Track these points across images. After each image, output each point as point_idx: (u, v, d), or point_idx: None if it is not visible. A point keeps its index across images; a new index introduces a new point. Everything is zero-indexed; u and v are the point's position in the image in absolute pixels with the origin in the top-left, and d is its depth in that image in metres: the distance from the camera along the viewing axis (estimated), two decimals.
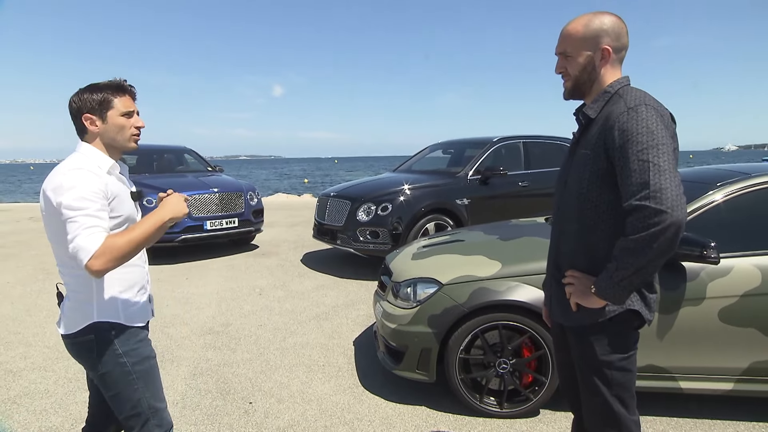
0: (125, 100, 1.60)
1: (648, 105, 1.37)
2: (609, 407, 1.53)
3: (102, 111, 1.57)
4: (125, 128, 1.60)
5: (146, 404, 1.63)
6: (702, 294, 2.41)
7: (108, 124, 1.58)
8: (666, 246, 1.28)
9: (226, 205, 7.00)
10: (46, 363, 3.51)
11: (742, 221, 2.60)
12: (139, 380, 1.62)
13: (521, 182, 6.31)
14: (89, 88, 1.58)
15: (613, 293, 1.40)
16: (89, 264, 1.35)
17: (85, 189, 1.44)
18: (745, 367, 2.44)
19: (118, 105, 1.58)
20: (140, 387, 1.62)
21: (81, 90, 1.58)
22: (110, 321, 1.58)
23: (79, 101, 1.56)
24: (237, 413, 2.82)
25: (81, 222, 1.39)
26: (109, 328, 1.58)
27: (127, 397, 1.61)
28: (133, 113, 1.62)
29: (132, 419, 1.63)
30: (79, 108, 1.56)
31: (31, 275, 6.06)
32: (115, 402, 1.63)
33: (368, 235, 5.65)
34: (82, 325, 1.56)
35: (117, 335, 1.59)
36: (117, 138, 1.60)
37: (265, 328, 4.17)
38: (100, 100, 1.56)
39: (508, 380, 2.69)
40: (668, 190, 1.27)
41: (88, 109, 1.56)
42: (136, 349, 1.62)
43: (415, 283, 2.91)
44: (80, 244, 1.37)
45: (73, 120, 1.59)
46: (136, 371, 1.61)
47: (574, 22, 1.51)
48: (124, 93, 1.60)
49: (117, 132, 1.60)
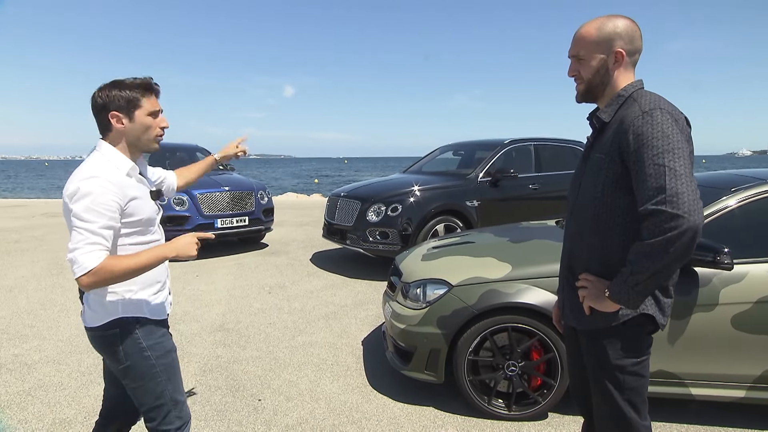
0: (152, 100, 1.59)
1: (663, 109, 1.36)
2: (621, 412, 1.53)
3: (129, 110, 1.54)
4: (151, 128, 1.59)
5: (168, 396, 1.66)
6: (715, 300, 2.38)
7: (135, 123, 1.56)
8: (682, 251, 1.28)
9: (237, 203, 7.06)
10: (59, 356, 3.57)
11: (756, 227, 2.57)
12: (162, 373, 1.64)
13: (532, 185, 6.29)
14: (116, 84, 1.54)
15: (628, 297, 1.39)
16: (81, 279, 1.40)
17: (96, 200, 1.44)
18: (758, 375, 2.41)
19: (145, 104, 1.56)
20: (163, 379, 1.65)
21: (107, 86, 1.54)
22: (135, 316, 1.61)
23: (105, 98, 1.53)
24: (246, 410, 2.84)
25: (84, 236, 1.41)
26: (134, 322, 1.60)
27: (151, 390, 1.64)
28: (159, 113, 1.61)
29: (154, 410, 1.65)
30: (105, 105, 1.53)
31: (46, 270, 6.15)
32: (138, 394, 1.65)
33: (378, 236, 5.67)
34: (107, 319, 1.58)
35: (141, 329, 1.61)
36: (142, 138, 1.59)
37: (274, 327, 4.20)
38: (129, 99, 1.53)
39: (516, 383, 2.68)
40: (685, 194, 1.26)
41: (115, 106, 1.53)
42: (159, 343, 1.65)
43: (424, 284, 2.92)
44: (78, 258, 1.40)
45: (97, 116, 1.57)
46: (160, 364, 1.64)
47: (587, 25, 1.51)
48: (151, 92, 1.59)
49: (143, 132, 1.58)
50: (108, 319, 1.58)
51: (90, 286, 1.42)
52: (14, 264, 6.49)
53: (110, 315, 1.59)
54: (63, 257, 6.83)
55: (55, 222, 10.39)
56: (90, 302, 1.62)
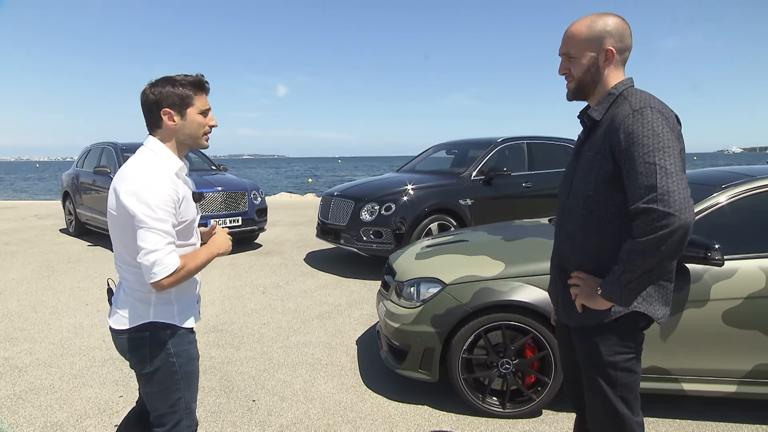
0: (203, 98, 1.59)
1: (653, 107, 1.37)
2: (613, 408, 1.54)
3: (182, 107, 1.54)
4: (202, 126, 1.59)
5: (183, 404, 1.64)
6: (706, 296, 2.40)
7: (186, 120, 1.56)
8: (674, 248, 1.29)
9: (230, 203, 7.03)
10: (51, 359, 3.53)
11: (746, 223, 2.60)
12: (182, 380, 1.63)
13: (525, 183, 6.31)
14: (169, 81, 1.54)
15: (620, 295, 1.40)
16: (164, 282, 1.43)
17: (161, 197, 1.44)
18: (749, 370, 2.44)
19: (197, 102, 1.56)
20: (182, 387, 1.63)
21: (159, 82, 1.54)
22: (165, 322, 1.59)
23: (159, 94, 1.52)
24: (240, 411, 2.83)
25: (157, 236, 1.42)
26: (164, 328, 1.58)
27: (168, 396, 1.62)
28: (209, 111, 1.61)
29: (166, 417, 1.63)
30: (158, 101, 1.52)
31: (36, 272, 6.09)
32: (153, 398, 1.63)
33: (371, 235, 5.66)
34: (137, 322, 1.56)
35: (171, 335, 1.59)
36: (192, 135, 1.59)
37: (268, 327, 4.19)
38: (182, 96, 1.53)
39: (510, 380, 2.69)
40: (676, 192, 1.27)
41: (168, 103, 1.52)
42: (186, 350, 1.64)
43: (418, 283, 2.92)
44: (163, 259, 1.42)
45: (148, 113, 1.56)
46: (183, 372, 1.62)
47: (577, 24, 1.51)
48: (203, 90, 1.58)
49: (194, 129, 1.58)
50: (139, 323, 1.56)
51: (168, 286, 1.46)
52: (4, 266, 6.42)
53: (141, 318, 1.57)
54: (54, 259, 6.78)
55: (46, 224, 10.30)
56: (120, 303, 1.60)
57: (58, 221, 10.39)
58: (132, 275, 1.56)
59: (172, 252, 1.44)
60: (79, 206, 8.39)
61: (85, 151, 8.86)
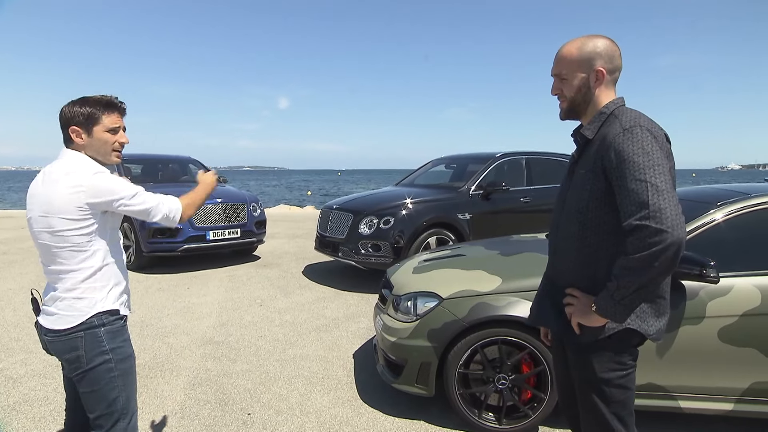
0: (113, 117, 1.69)
1: (642, 126, 1.40)
2: (607, 425, 1.54)
3: (88, 125, 1.65)
4: (108, 143, 1.69)
5: (121, 404, 1.68)
6: (701, 313, 2.41)
7: (93, 138, 1.66)
8: (667, 265, 1.31)
9: (229, 215, 7.04)
10: (46, 370, 3.52)
11: (741, 241, 2.61)
12: (119, 378, 1.67)
13: (523, 198, 6.34)
14: (80, 101, 1.66)
15: (614, 311, 1.41)
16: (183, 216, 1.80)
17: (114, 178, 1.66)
18: (746, 388, 2.43)
19: (105, 121, 1.66)
20: (119, 385, 1.67)
21: (72, 102, 1.67)
22: (105, 311, 1.66)
23: (69, 113, 1.65)
24: (235, 424, 2.81)
25: (144, 195, 1.70)
26: (100, 325, 1.64)
27: (104, 395, 1.65)
28: (119, 129, 1.71)
29: (103, 418, 1.66)
30: (68, 120, 1.65)
31: (34, 282, 6.08)
32: (90, 399, 1.66)
33: (370, 248, 5.67)
34: (77, 321, 1.62)
35: (105, 333, 1.65)
36: (99, 151, 1.69)
37: (265, 339, 4.18)
38: (88, 115, 1.64)
39: (506, 396, 2.68)
40: (667, 209, 1.29)
41: (75, 122, 1.64)
42: (121, 347, 1.70)
43: (415, 297, 2.92)
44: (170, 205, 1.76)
45: (62, 129, 1.68)
46: (119, 369, 1.67)
47: (568, 45, 1.55)
48: (113, 110, 1.69)
49: (100, 146, 1.68)
50: (77, 322, 1.62)
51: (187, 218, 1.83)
52: (1, 276, 6.41)
53: (81, 317, 1.62)
54: None
55: None
56: (55, 307, 1.65)
57: None
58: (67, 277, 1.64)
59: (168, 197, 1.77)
60: None
61: None
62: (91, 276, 1.64)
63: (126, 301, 1.78)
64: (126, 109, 1.74)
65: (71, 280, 1.64)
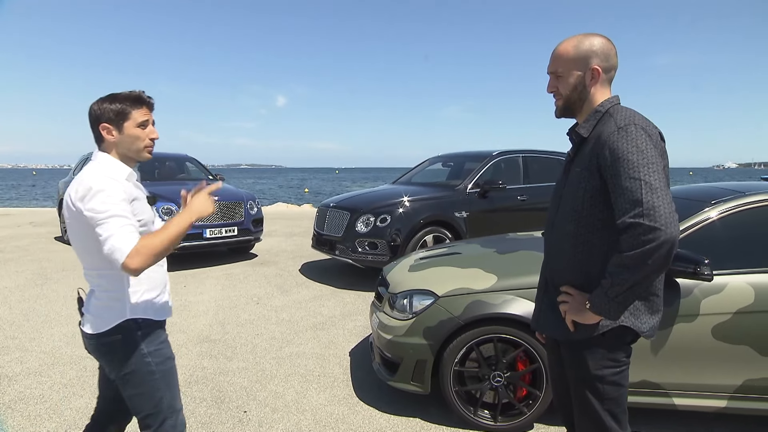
0: (142, 111, 1.64)
1: (637, 125, 1.41)
2: (601, 422, 1.55)
3: (119, 121, 1.61)
4: (139, 139, 1.64)
5: (166, 404, 1.67)
6: (695, 311, 2.42)
7: (123, 134, 1.62)
8: (660, 262, 1.31)
9: (226, 213, 7.03)
10: (41, 368, 3.51)
11: (735, 239, 2.62)
12: (161, 380, 1.65)
13: (520, 196, 6.35)
14: (109, 98, 1.62)
15: (609, 309, 1.42)
16: (126, 263, 1.42)
17: (110, 193, 1.49)
18: (739, 385, 2.45)
19: (134, 116, 1.62)
20: (162, 386, 1.66)
21: (101, 99, 1.63)
22: (141, 318, 1.63)
23: (98, 110, 1.61)
24: (231, 422, 2.82)
25: (111, 223, 1.46)
26: (136, 328, 1.62)
27: (149, 396, 1.64)
28: (148, 123, 1.66)
29: (150, 418, 1.66)
30: (98, 117, 1.61)
31: (30, 280, 6.07)
32: (135, 401, 1.65)
33: (367, 246, 5.67)
34: (112, 323, 1.60)
35: (143, 336, 1.63)
36: (131, 148, 1.65)
37: (261, 337, 4.18)
38: (118, 111, 1.60)
39: (502, 393, 2.69)
40: (661, 207, 1.30)
41: (105, 119, 1.60)
42: (160, 350, 1.67)
43: (411, 295, 2.93)
44: (115, 244, 1.43)
45: (92, 128, 1.64)
46: (160, 371, 1.65)
47: (564, 43, 1.56)
48: (141, 104, 1.64)
49: (131, 142, 1.64)
50: (114, 323, 1.60)
51: (138, 269, 1.44)
52: None
53: (117, 318, 1.60)
54: (48, 267, 6.76)
55: (41, 231, 10.26)
56: (92, 308, 1.63)
57: (53, 229, 10.36)
58: (103, 279, 1.60)
59: (128, 234, 1.45)
60: None
61: (83, 159, 8.87)
62: (127, 278, 1.61)
63: (164, 303, 1.73)
64: (154, 103, 1.69)
65: (107, 282, 1.60)
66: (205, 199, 1.65)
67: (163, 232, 1.50)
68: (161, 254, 1.48)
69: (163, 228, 1.52)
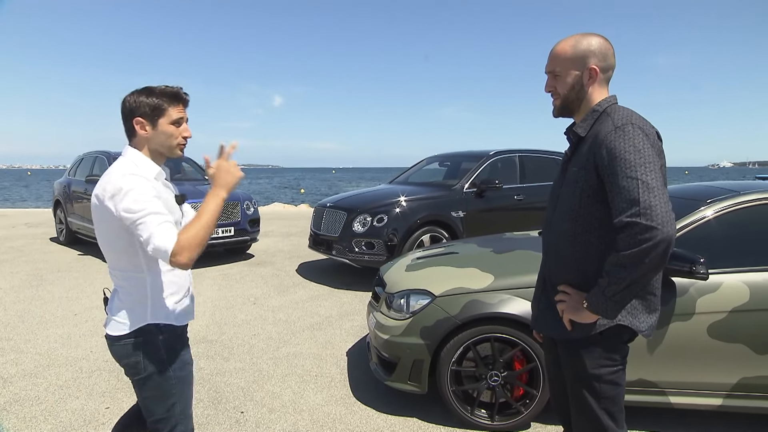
0: (178, 108, 1.60)
1: (634, 124, 1.41)
2: (598, 420, 1.55)
3: (153, 117, 1.56)
4: (173, 136, 1.60)
5: (179, 409, 1.65)
6: (691, 309, 2.43)
7: (157, 130, 1.58)
8: (657, 261, 1.32)
9: (223, 213, 7.01)
10: (37, 370, 3.49)
11: (731, 238, 2.64)
12: (177, 386, 1.64)
13: (516, 196, 6.36)
14: (145, 91, 1.57)
15: (606, 308, 1.42)
16: (174, 261, 1.40)
17: (140, 191, 1.46)
18: (735, 383, 2.46)
19: (170, 112, 1.58)
20: (177, 392, 1.64)
21: (137, 92, 1.57)
22: (162, 323, 1.60)
23: (133, 103, 1.55)
24: (228, 422, 2.81)
25: (149, 222, 1.42)
26: (158, 332, 1.60)
27: (163, 401, 1.63)
28: (183, 121, 1.62)
29: (161, 422, 1.64)
30: (132, 110, 1.56)
31: (25, 281, 6.03)
32: (148, 404, 1.64)
33: (363, 246, 5.67)
34: (134, 327, 1.57)
35: (164, 341, 1.61)
36: (164, 144, 1.60)
37: (258, 338, 4.17)
38: (154, 106, 1.55)
39: (499, 393, 2.69)
40: (657, 207, 1.30)
41: (140, 113, 1.55)
42: (179, 356, 1.65)
43: (408, 295, 2.93)
44: (158, 245, 1.39)
45: (124, 121, 1.59)
46: (177, 377, 1.63)
47: (562, 43, 1.56)
48: (178, 101, 1.60)
49: (165, 139, 1.59)
50: (136, 327, 1.57)
51: (189, 262, 1.41)
52: None
53: (139, 321, 1.58)
54: (43, 268, 6.72)
55: (36, 232, 10.21)
56: (115, 310, 1.60)
57: (48, 230, 10.31)
58: (126, 281, 1.58)
59: (167, 230, 1.41)
60: (70, 215, 8.34)
61: (78, 159, 8.84)
62: (150, 282, 1.58)
63: (186, 307, 1.70)
64: (189, 100, 1.63)
65: (129, 284, 1.57)
66: (227, 168, 1.57)
67: (199, 221, 1.46)
68: (204, 241, 1.45)
69: (198, 216, 1.47)
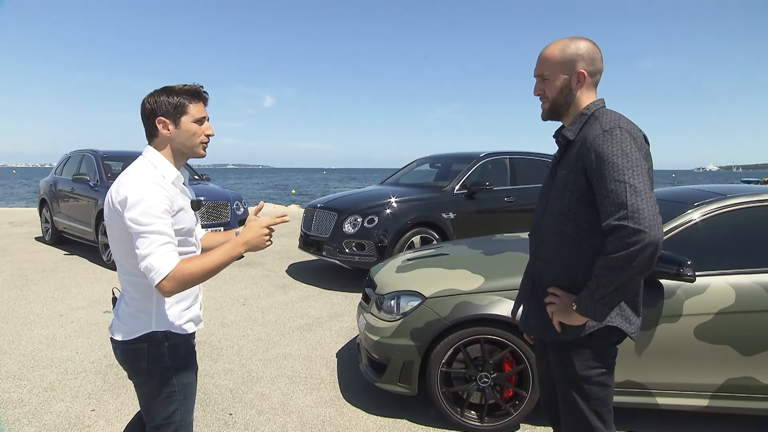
0: (199, 107, 1.58)
1: (622, 128, 1.42)
2: (586, 421, 1.56)
3: (176, 116, 1.54)
4: (196, 135, 1.58)
5: (179, 416, 1.63)
6: (678, 311, 2.46)
7: (180, 129, 1.56)
8: (645, 264, 1.33)
9: (213, 214, 6.96)
10: (21, 371, 3.43)
11: (717, 241, 2.67)
12: (179, 393, 1.61)
13: (507, 197, 6.39)
14: (165, 90, 1.55)
15: (595, 310, 1.44)
16: (160, 285, 1.38)
17: (152, 203, 1.42)
18: (720, 384, 2.49)
19: (192, 111, 1.56)
20: (179, 399, 1.61)
21: (157, 92, 1.55)
22: (167, 331, 1.57)
23: (154, 103, 1.53)
24: (217, 425, 2.78)
25: (152, 239, 1.39)
26: (163, 339, 1.57)
27: (164, 407, 1.60)
28: (205, 120, 1.60)
29: (161, 428, 1.62)
30: (153, 110, 1.53)
31: (9, 282, 5.93)
32: (149, 409, 1.62)
33: (354, 247, 5.66)
34: (138, 333, 1.54)
35: (169, 348, 1.58)
36: (187, 144, 1.58)
37: (247, 339, 4.14)
38: (176, 105, 1.53)
39: (489, 394, 2.70)
40: (645, 210, 1.32)
41: (162, 112, 1.53)
42: (184, 363, 1.63)
43: (398, 296, 2.92)
44: (154, 264, 1.38)
45: (145, 121, 1.57)
46: (179, 384, 1.60)
47: (551, 47, 1.57)
48: (199, 99, 1.58)
49: (188, 138, 1.57)
50: (139, 333, 1.54)
51: (170, 293, 1.41)
52: None
53: (143, 329, 1.55)
54: (28, 268, 6.62)
55: (21, 231, 10.05)
56: (121, 314, 1.58)
57: (33, 229, 10.15)
58: (131, 285, 1.55)
59: (166, 254, 1.39)
60: (56, 214, 8.22)
61: (65, 158, 8.71)
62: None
63: (194, 316, 1.67)
64: (208, 99, 1.61)
65: (136, 290, 1.54)
66: (262, 233, 1.54)
67: (206, 260, 1.44)
68: (198, 282, 1.44)
69: (208, 255, 1.45)
